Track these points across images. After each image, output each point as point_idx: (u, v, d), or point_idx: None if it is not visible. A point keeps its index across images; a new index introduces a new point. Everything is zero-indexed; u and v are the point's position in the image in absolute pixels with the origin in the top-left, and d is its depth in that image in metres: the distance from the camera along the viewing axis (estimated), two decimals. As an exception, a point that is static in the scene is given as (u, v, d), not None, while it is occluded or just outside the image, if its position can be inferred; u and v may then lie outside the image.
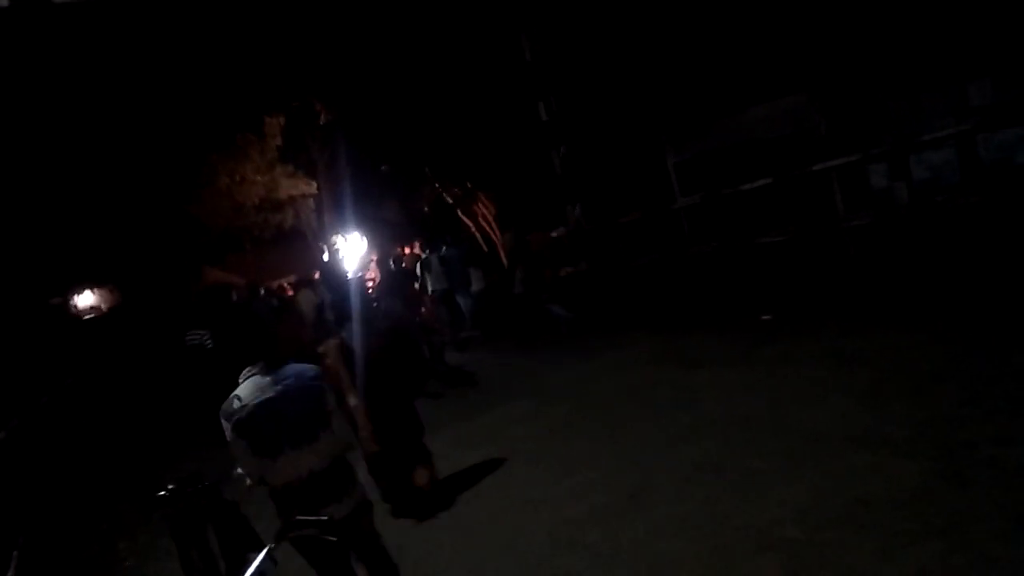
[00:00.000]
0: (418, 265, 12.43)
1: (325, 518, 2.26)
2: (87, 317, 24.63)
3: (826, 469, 4.17)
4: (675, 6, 12.78)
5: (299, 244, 27.13)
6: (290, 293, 16.18)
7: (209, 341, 8.70)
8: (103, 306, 27.89)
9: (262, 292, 13.91)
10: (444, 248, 12.22)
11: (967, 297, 6.78)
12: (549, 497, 4.89)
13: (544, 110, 13.68)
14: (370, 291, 10.34)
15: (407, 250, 15.38)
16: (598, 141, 14.37)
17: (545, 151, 13.75)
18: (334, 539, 2.53)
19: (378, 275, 12.85)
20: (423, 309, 11.53)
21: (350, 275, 12.86)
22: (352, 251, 17.13)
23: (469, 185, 20.68)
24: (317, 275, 12.87)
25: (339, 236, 19.22)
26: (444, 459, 6.11)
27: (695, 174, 12.41)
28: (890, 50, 10.44)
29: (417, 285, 12.13)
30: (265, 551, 2.16)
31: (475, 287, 12.38)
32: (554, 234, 14.34)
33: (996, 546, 3.08)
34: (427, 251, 12.40)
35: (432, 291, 11.90)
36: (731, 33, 12.31)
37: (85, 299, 27.84)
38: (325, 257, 21.00)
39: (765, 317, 8.19)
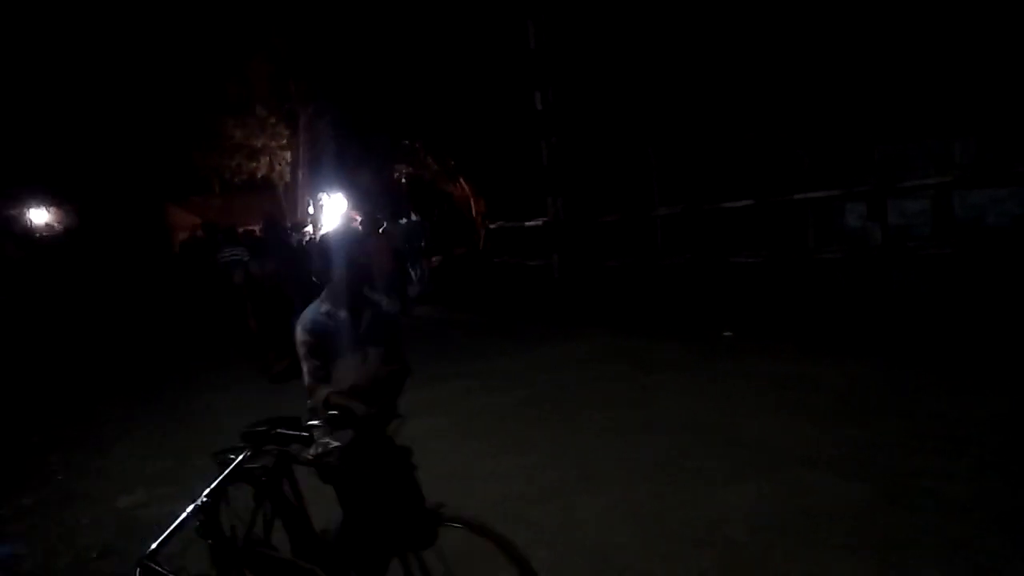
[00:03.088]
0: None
1: (304, 433, 2.24)
2: (40, 235, 23.87)
3: (772, 479, 4.26)
4: (686, 23, 12.89)
5: (268, 194, 26.70)
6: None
7: (246, 257, 9.54)
8: (58, 225, 27.12)
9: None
10: (406, 221, 14.22)
11: (926, 339, 7.00)
12: (497, 473, 4.90)
13: (540, 100, 13.66)
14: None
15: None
16: (588, 139, 14.44)
17: (535, 141, 13.75)
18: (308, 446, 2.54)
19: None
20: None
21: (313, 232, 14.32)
22: (334, 209, 17.26)
23: (452, 163, 20.60)
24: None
25: (323, 193, 19.12)
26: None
27: (677, 185, 12.56)
28: (885, 98, 10.68)
29: None
30: (237, 459, 2.13)
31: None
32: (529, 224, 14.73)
33: (930, 570, 3.19)
34: (389, 221, 14.03)
35: None
36: (732, 61, 12.47)
37: (40, 215, 27.03)
38: (310, 210, 20.94)
39: (727, 333, 8.33)
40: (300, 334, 2.92)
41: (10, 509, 5.12)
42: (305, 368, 2.92)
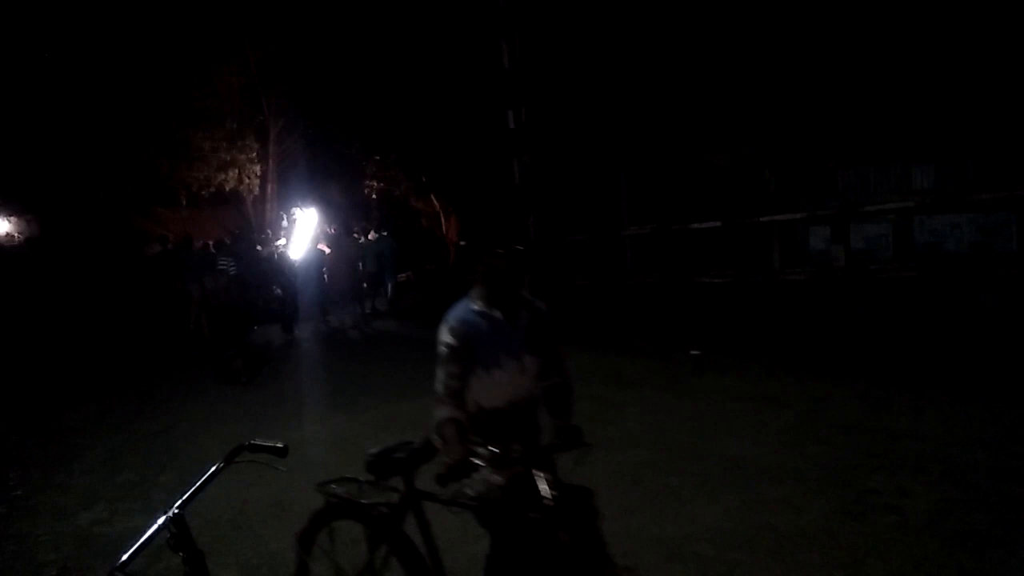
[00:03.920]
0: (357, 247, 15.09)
1: (279, 444, 2.20)
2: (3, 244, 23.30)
3: (739, 495, 4.33)
4: (658, 47, 13.14)
5: (236, 208, 26.42)
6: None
7: (233, 268, 10.65)
8: (18, 235, 26.53)
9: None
10: (376, 236, 15.25)
11: (889, 359, 7.17)
12: (467, 487, 4.90)
13: (512, 119, 13.75)
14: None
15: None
16: (560, 158, 14.57)
17: (507, 159, 13.83)
18: (283, 457, 2.20)
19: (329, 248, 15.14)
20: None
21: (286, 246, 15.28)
22: (307, 223, 17.42)
23: (423, 179, 20.64)
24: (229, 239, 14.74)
25: (297, 208, 19.15)
26: (367, 439, 6.10)
27: (647, 205, 12.74)
28: (849, 124, 10.98)
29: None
30: (210, 471, 2.11)
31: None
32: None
33: (891, 583, 3.27)
34: (364, 237, 15.50)
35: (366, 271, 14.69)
36: (702, 86, 12.72)
37: (1, 225, 26.44)
38: (284, 223, 21.01)
39: (694, 352, 8.41)
40: (444, 334, 2.48)
41: (-35, 526, 4.98)
42: (440, 375, 2.48)
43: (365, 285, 14.91)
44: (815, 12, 10.93)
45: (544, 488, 2.15)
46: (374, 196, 25.06)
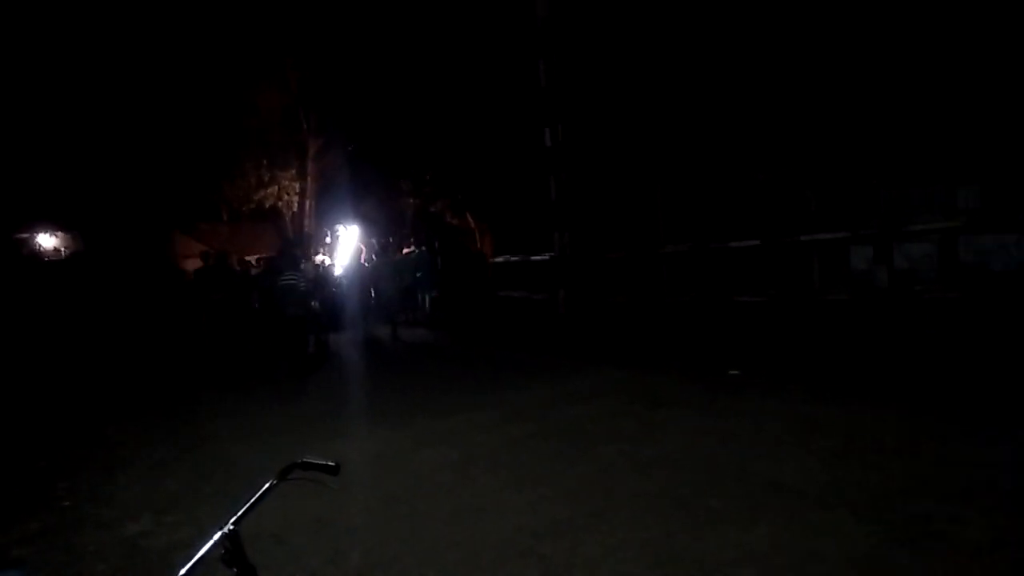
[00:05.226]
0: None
1: (331, 463, 2.24)
2: (48, 259, 23.99)
3: (783, 520, 4.26)
4: (697, 64, 13.11)
5: (275, 224, 26.89)
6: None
7: (303, 283, 11.00)
8: (63, 250, 27.29)
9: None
10: (414, 251, 15.96)
11: (934, 382, 7.02)
12: (507, 506, 4.89)
13: (549, 136, 13.85)
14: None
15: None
16: (596, 176, 14.60)
17: (544, 176, 13.90)
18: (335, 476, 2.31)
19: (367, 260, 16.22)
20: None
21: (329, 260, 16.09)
22: (348, 239, 17.97)
23: (460, 197, 20.79)
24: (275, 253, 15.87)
25: (340, 225, 19.66)
26: (405, 457, 6.16)
27: (684, 223, 12.67)
28: (891, 143, 10.82)
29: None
30: (264, 488, 2.14)
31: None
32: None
33: (942, 614, 3.18)
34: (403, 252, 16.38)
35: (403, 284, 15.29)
36: (742, 103, 12.65)
37: (47, 240, 27.24)
38: (327, 240, 21.66)
39: (733, 372, 8.35)
40: None
41: (16, 534, 5.09)
42: None
43: (402, 298, 15.41)
44: (861, 33, 10.83)
45: None
46: (410, 213, 25.32)
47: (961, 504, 4.24)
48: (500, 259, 18.86)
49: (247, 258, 22.85)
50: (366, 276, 15.37)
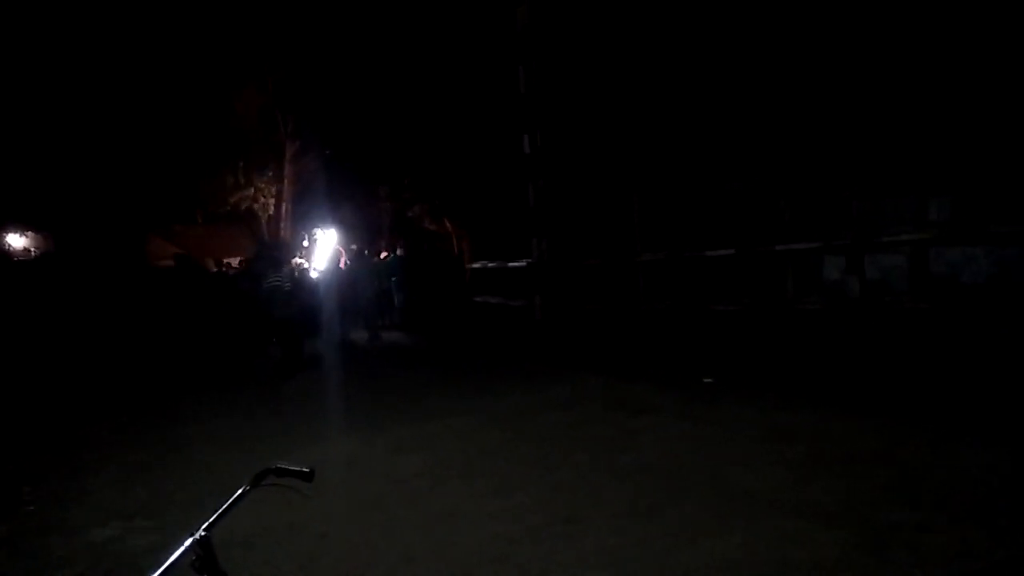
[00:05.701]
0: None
1: (306, 469, 2.22)
2: (17, 259, 23.60)
3: (755, 527, 4.30)
4: (674, 74, 13.24)
5: (249, 227, 26.67)
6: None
7: (288, 284, 11.12)
8: (34, 250, 26.88)
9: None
10: (388, 255, 16.24)
11: (904, 391, 7.13)
12: (482, 513, 4.89)
13: (528, 143, 13.89)
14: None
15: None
16: (574, 183, 14.66)
17: (522, 183, 13.94)
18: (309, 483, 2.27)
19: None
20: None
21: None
22: (326, 242, 17.91)
23: (437, 202, 20.78)
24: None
25: (317, 228, 19.59)
26: (380, 462, 6.13)
27: (660, 232, 12.76)
28: (865, 155, 10.99)
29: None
30: (236, 494, 2.12)
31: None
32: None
33: (910, 621, 3.23)
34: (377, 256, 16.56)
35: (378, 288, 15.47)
36: (718, 113, 12.79)
37: (17, 240, 26.82)
38: (304, 243, 21.58)
39: (708, 380, 8.42)
40: None
41: (-20, 539, 5.00)
42: None
43: (377, 302, 15.51)
44: (835, 43, 11.00)
45: None
46: (388, 218, 25.27)
47: (930, 512, 4.31)
48: (477, 265, 18.86)
49: (227, 260, 22.70)
50: (343, 280, 15.20)
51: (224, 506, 2.13)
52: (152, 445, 7.20)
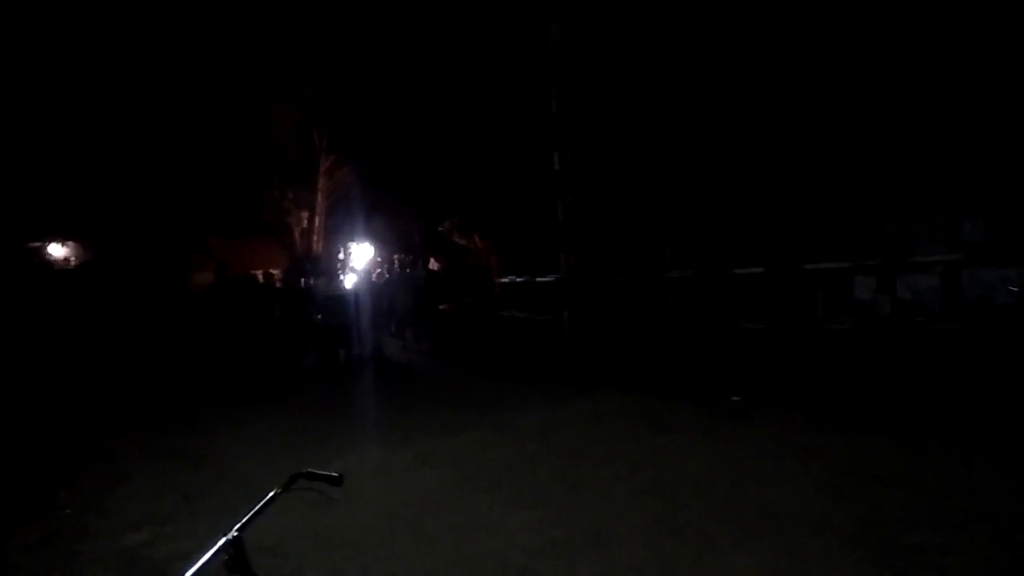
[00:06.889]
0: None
1: (335, 474, 2.31)
2: (58, 268, 24.21)
3: (779, 546, 4.29)
4: (705, 91, 13.27)
5: (282, 239, 27.04)
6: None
7: (341, 293, 12.10)
8: (73, 259, 27.52)
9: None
10: (415, 271, 16.33)
11: (934, 413, 7.04)
12: (506, 525, 4.94)
13: (558, 160, 13.98)
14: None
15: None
16: (603, 200, 14.72)
17: (551, 199, 14.02)
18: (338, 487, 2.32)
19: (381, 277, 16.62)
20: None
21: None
22: (361, 255, 18.28)
23: (467, 217, 20.95)
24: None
25: (352, 242, 19.98)
26: (406, 473, 6.21)
27: (689, 249, 12.75)
28: (897, 174, 10.90)
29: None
30: (268, 496, 2.21)
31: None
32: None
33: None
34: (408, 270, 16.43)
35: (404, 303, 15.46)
36: (749, 131, 12.78)
37: (57, 250, 27.50)
38: (340, 256, 22.00)
39: (735, 398, 8.38)
40: None
41: (17, 543, 5.16)
42: None
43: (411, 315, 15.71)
44: (869, 63, 10.96)
45: None
46: (418, 231, 25.50)
47: (955, 534, 4.27)
48: (506, 279, 18.95)
49: (271, 271, 23.04)
50: (379, 292, 15.48)
51: (256, 508, 2.22)
52: (184, 454, 7.36)
